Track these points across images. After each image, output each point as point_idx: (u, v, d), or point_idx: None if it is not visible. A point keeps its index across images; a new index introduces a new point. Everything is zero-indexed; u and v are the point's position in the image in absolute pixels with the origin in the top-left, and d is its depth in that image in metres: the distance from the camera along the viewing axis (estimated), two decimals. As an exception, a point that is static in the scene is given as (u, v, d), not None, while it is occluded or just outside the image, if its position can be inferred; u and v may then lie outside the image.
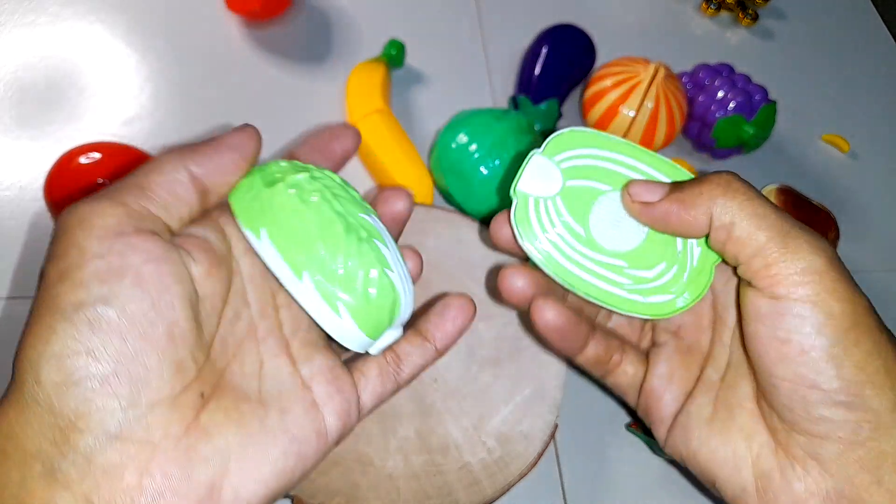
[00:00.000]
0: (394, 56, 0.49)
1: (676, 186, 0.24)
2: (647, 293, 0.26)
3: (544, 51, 0.49)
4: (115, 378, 0.18)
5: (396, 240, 0.28)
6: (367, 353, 0.25)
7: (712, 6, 0.58)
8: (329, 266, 0.22)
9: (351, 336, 0.23)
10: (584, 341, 0.27)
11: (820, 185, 0.51)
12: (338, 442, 0.23)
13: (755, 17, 0.58)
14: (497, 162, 0.40)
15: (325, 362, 0.23)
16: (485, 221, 0.43)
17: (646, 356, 0.29)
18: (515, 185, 0.25)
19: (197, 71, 0.49)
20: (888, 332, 0.22)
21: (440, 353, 0.27)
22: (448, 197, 0.43)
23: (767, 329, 0.22)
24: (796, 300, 0.21)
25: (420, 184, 0.42)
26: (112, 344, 0.18)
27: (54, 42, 0.49)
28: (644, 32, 0.57)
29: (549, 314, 0.26)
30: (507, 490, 0.34)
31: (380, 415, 0.35)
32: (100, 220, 0.19)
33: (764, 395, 0.24)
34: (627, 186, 0.25)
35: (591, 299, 0.26)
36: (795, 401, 0.22)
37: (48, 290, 0.18)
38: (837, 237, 0.44)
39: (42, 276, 0.19)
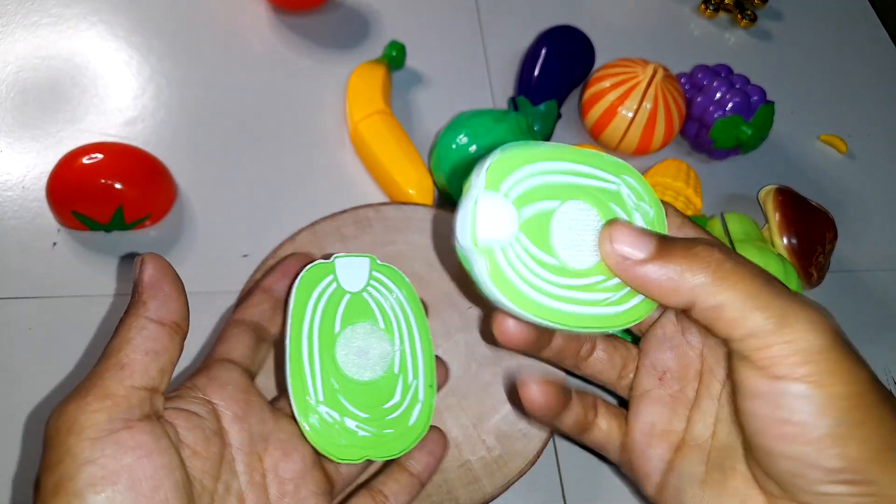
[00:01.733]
0: (394, 57, 0.49)
1: (664, 246, 0.22)
2: (628, 297, 0.24)
3: (543, 52, 0.50)
4: None
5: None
6: (356, 501, 0.27)
7: (710, 7, 0.59)
8: None
9: None
10: (563, 409, 0.27)
11: (818, 186, 0.51)
12: None
13: (753, 19, 0.58)
14: (497, 162, 0.40)
15: None
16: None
17: (622, 407, 0.29)
18: (475, 237, 0.22)
19: (198, 72, 0.49)
20: (893, 402, 0.21)
21: (423, 485, 0.28)
22: (448, 197, 0.44)
23: (766, 408, 0.21)
24: (796, 380, 0.20)
25: (420, 184, 0.42)
26: None
27: (56, 43, 0.49)
28: (643, 34, 0.58)
29: (538, 394, 0.26)
30: (507, 488, 0.34)
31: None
32: (88, 419, 0.19)
33: (759, 464, 0.23)
34: (609, 230, 0.23)
35: (587, 331, 0.24)
36: (796, 476, 0.21)
37: (44, 503, 0.19)
38: (835, 237, 0.45)
39: (38, 486, 0.19)
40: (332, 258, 0.28)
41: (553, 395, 0.26)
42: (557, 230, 0.23)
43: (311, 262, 0.28)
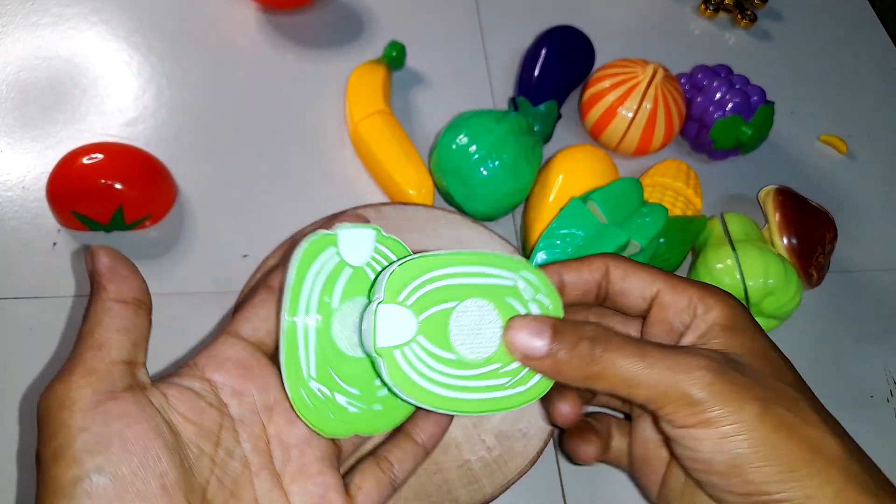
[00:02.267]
0: (394, 57, 0.49)
1: (556, 335, 0.24)
2: (527, 378, 0.26)
3: (543, 52, 0.50)
4: None
5: None
6: (363, 467, 0.27)
7: (711, 7, 0.59)
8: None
9: None
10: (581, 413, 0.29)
11: (818, 186, 0.51)
12: None
13: (753, 19, 0.59)
14: (497, 163, 0.40)
15: (315, 490, 0.25)
16: (485, 219, 0.43)
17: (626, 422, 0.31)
18: (375, 343, 0.24)
19: (199, 72, 0.49)
20: (794, 421, 0.23)
21: (428, 453, 0.29)
22: (448, 197, 0.44)
23: (678, 448, 0.24)
24: (691, 427, 0.23)
25: (420, 184, 0.42)
26: None
27: (56, 43, 0.49)
28: (642, 34, 0.58)
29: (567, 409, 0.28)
30: (507, 488, 0.34)
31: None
32: (76, 394, 0.21)
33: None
34: (507, 330, 0.25)
35: (488, 413, 0.26)
36: (719, 500, 0.24)
37: (46, 472, 0.20)
38: (835, 237, 0.45)
39: (38, 459, 0.21)
40: (335, 229, 0.28)
41: (578, 406, 0.28)
42: (455, 327, 0.25)
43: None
